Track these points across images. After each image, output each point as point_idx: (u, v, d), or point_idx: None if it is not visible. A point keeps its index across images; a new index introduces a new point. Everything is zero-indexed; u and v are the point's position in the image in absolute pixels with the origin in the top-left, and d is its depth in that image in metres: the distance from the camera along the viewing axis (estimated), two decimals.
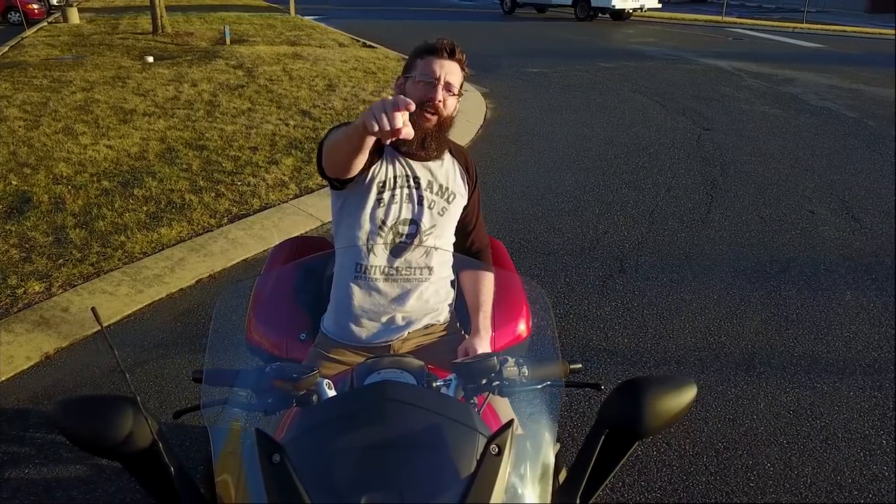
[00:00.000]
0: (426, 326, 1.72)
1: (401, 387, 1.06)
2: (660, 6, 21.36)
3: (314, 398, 1.15)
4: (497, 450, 0.90)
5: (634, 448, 1.04)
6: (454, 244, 1.79)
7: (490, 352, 1.57)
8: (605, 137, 6.78)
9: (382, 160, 1.65)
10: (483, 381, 1.23)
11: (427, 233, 1.68)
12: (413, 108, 1.12)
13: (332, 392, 1.20)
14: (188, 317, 3.28)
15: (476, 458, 0.90)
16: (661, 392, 1.03)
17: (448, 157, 1.75)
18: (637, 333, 3.20)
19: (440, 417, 0.97)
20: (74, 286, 3.44)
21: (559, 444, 1.30)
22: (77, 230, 4.02)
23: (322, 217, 4.46)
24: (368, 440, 0.93)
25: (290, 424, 1.09)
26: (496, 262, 1.98)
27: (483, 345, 1.62)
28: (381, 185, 1.64)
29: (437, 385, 1.23)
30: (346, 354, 1.66)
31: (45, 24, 15.80)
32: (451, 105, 1.63)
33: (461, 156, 1.79)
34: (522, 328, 1.83)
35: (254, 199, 4.64)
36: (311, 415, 1.05)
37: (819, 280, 3.76)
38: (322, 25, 16.54)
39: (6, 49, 11.59)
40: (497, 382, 1.22)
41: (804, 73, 10.80)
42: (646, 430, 1.02)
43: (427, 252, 1.68)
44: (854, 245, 4.23)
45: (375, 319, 1.67)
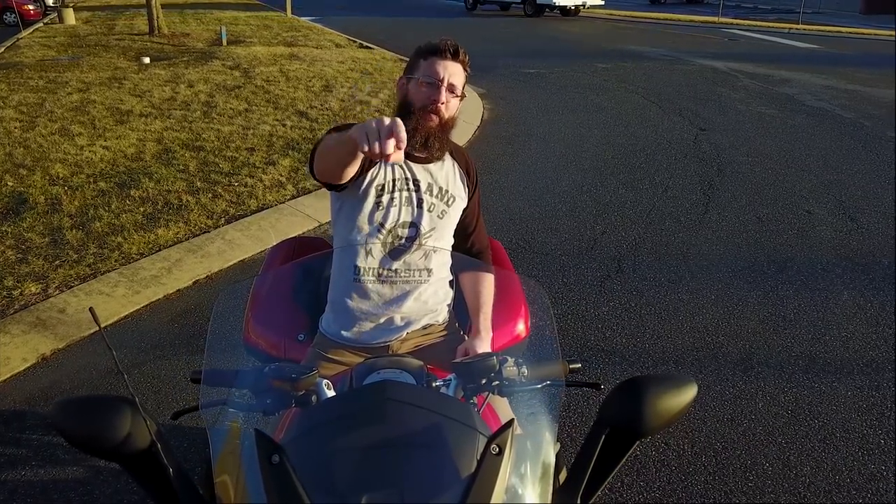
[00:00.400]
0: (425, 327, 1.71)
1: (400, 386, 1.05)
2: (602, 3, 22.63)
3: (313, 398, 1.15)
4: (497, 450, 0.89)
5: (635, 447, 1.04)
6: (454, 245, 1.79)
7: (489, 352, 1.57)
8: (603, 138, 6.78)
9: (381, 163, 1.63)
10: (483, 381, 1.22)
11: (426, 236, 1.67)
12: (403, 145, 1.09)
13: (332, 392, 1.19)
14: (185, 318, 3.27)
15: (476, 458, 0.90)
16: (662, 391, 1.03)
17: (448, 159, 1.74)
18: (635, 333, 3.20)
19: (440, 417, 0.97)
20: (71, 287, 3.42)
21: (559, 444, 1.30)
22: (73, 231, 4.01)
23: (319, 218, 4.45)
24: (368, 440, 0.93)
25: (290, 425, 1.08)
26: (495, 263, 1.98)
27: (483, 346, 1.62)
28: (380, 189, 1.63)
29: (437, 385, 1.23)
30: (345, 355, 1.65)
31: (41, 25, 15.75)
32: (454, 106, 1.63)
33: (461, 157, 1.78)
34: (521, 328, 1.83)
35: (251, 200, 4.63)
36: (311, 415, 1.04)
37: (816, 280, 3.77)
38: (319, 26, 16.53)
39: (2, 50, 11.55)
40: (497, 382, 1.22)
41: (800, 74, 10.83)
42: (646, 430, 1.01)
43: (426, 254, 1.67)
44: (851, 245, 4.24)
45: (374, 320, 1.67)
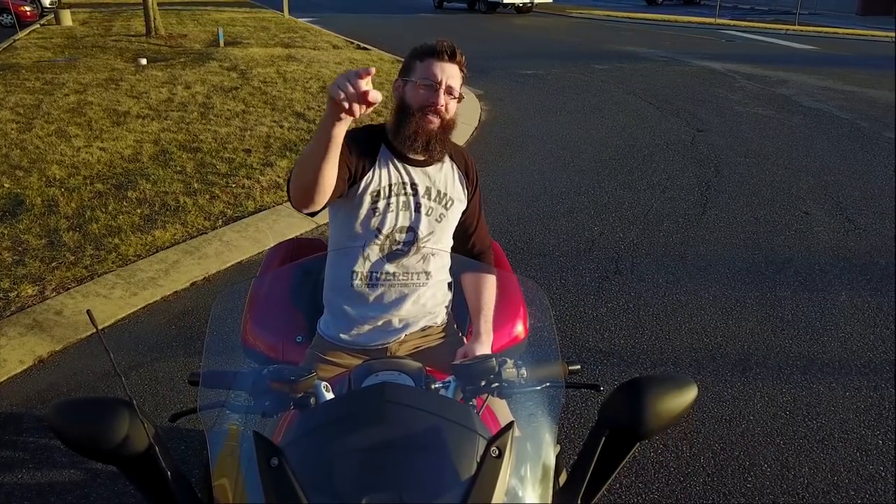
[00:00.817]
0: (423, 329, 1.71)
1: (399, 389, 1.05)
2: (551, 0, 24.28)
3: (312, 401, 1.14)
4: (497, 452, 0.89)
5: (634, 449, 1.03)
6: (454, 247, 1.78)
7: (489, 353, 1.56)
8: (600, 139, 6.78)
9: (376, 168, 1.61)
10: (482, 383, 1.22)
11: (425, 239, 1.66)
12: (373, 72, 1.13)
13: (330, 394, 1.19)
14: (183, 319, 3.26)
15: (476, 461, 0.90)
16: (662, 392, 1.03)
17: (447, 161, 1.72)
18: (634, 334, 3.20)
19: (440, 419, 0.97)
20: (68, 289, 3.41)
21: (559, 446, 1.30)
22: (70, 233, 4.00)
23: (317, 219, 4.44)
24: (367, 442, 0.92)
25: (288, 427, 1.08)
26: (493, 263, 1.97)
27: (483, 349, 1.60)
28: (376, 195, 1.61)
29: (436, 387, 1.23)
30: (344, 357, 1.65)
31: (38, 27, 15.70)
32: (453, 108, 1.61)
33: (461, 159, 1.76)
34: (520, 329, 1.83)
35: (248, 202, 4.62)
36: (310, 417, 1.04)
37: (814, 280, 3.77)
38: (316, 27, 16.53)
39: None
40: (496, 384, 1.21)
41: (797, 75, 10.85)
42: (647, 431, 1.01)
43: (425, 257, 1.66)
44: (848, 245, 4.24)
45: (372, 323, 1.66)
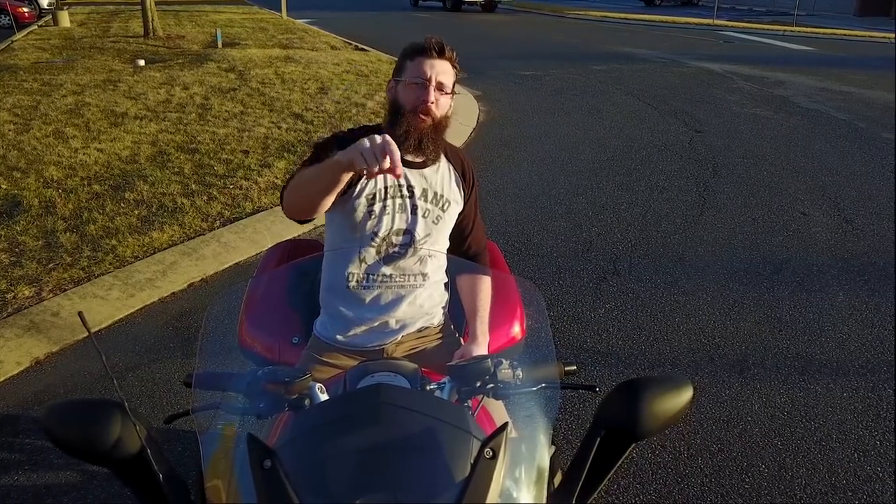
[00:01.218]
0: (420, 330, 1.70)
1: (395, 390, 1.05)
2: None
3: (307, 402, 1.14)
4: (491, 453, 0.89)
5: (631, 450, 1.03)
6: (450, 248, 1.77)
7: (485, 354, 1.56)
8: (598, 140, 6.79)
9: None
10: (477, 384, 1.22)
11: (421, 242, 1.65)
12: (399, 164, 1.19)
13: (325, 396, 1.19)
14: (180, 321, 3.25)
15: (470, 462, 0.89)
16: (659, 393, 1.02)
17: (443, 163, 1.70)
18: (631, 335, 3.20)
19: (434, 421, 0.96)
20: (65, 290, 3.40)
21: (554, 447, 1.29)
22: (68, 234, 3.99)
23: (315, 221, 4.43)
24: (362, 444, 0.92)
25: (283, 428, 1.08)
26: (490, 265, 1.97)
27: (480, 350, 1.60)
28: (372, 198, 1.60)
29: (431, 388, 1.22)
30: (339, 358, 1.64)
31: (36, 28, 15.69)
32: (445, 105, 1.59)
33: (457, 159, 1.74)
34: (517, 330, 1.82)
35: (246, 203, 4.62)
36: (304, 419, 1.04)
37: (812, 281, 3.77)
38: (314, 28, 16.53)
39: None
40: (492, 385, 1.21)
41: (795, 76, 10.86)
42: (643, 432, 1.01)
43: (421, 259, 1.65)
44: (846, 246, 4.25)
45: (368, 324, 1.66)
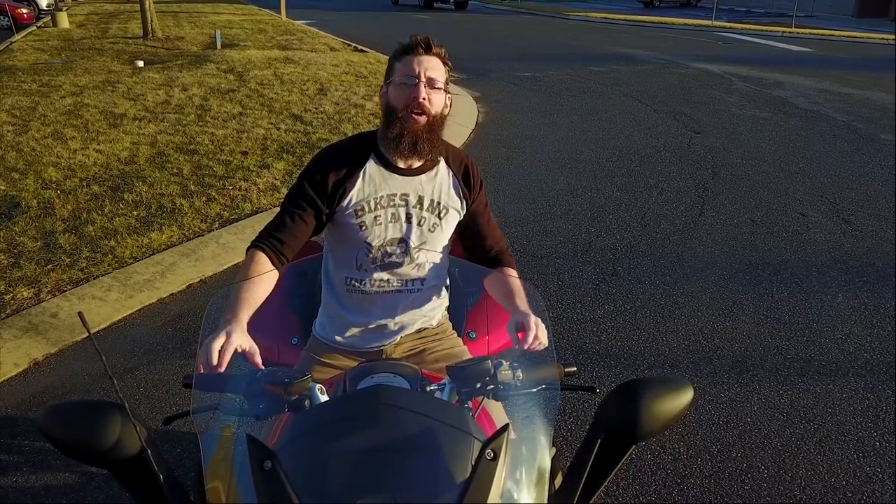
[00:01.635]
0: (419, 331, 1.70)
1: (395, 391, 1.04)
2: None
3: (306, 403, 1.14)
4: (492, 454, 0.89)
5: (631, 451, 1.03)
6: (472, 253, 1.73)
7: (484, 355, 1.55)
8: (597, 141, 6.79)
9: (359, 182, 1.54)
10: (477, 385, 1.21)
11: (417, 250, 1.60)
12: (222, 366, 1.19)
13: (325, 397, 1.19)
14: (179, 322, 3.25)
15: (471, 463, 0.89)
16: (659, 394, 1.02)
17: (443, 168, 1.62)
18: (630, 336, 3.20)
19: (435, 422, 0.96)
20: (64, 291, 3.40)
21: (555, 448, 1.29)
22: (66, 235, 3.98)
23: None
24: (362, 445, 0.92)
25: (283, 430, 1.07)
26: None
27: (530, 322, 1.39)
28: (360, 210, 1.55)
29: (431, 389, 1.22)
30: (339, 359, 1.64)
31: (35, 29, 15.67)
32: (439, 102, 1.51)
33: (458, 163, 1.66)
34: None
35: (245, 204, 4.61)
36: (304, 420, 1.03)
37: (811, 282, 3.77)
38: (314, 30, 16.53)
39: None
40: (492, 386, 1.21)
41: (793, 77, 10.88)
42: (643, 433, 1.01)
43: (419, 265, 1.62)
44: (845, 247, 4.25)
45: (367, 326, 1.65)
